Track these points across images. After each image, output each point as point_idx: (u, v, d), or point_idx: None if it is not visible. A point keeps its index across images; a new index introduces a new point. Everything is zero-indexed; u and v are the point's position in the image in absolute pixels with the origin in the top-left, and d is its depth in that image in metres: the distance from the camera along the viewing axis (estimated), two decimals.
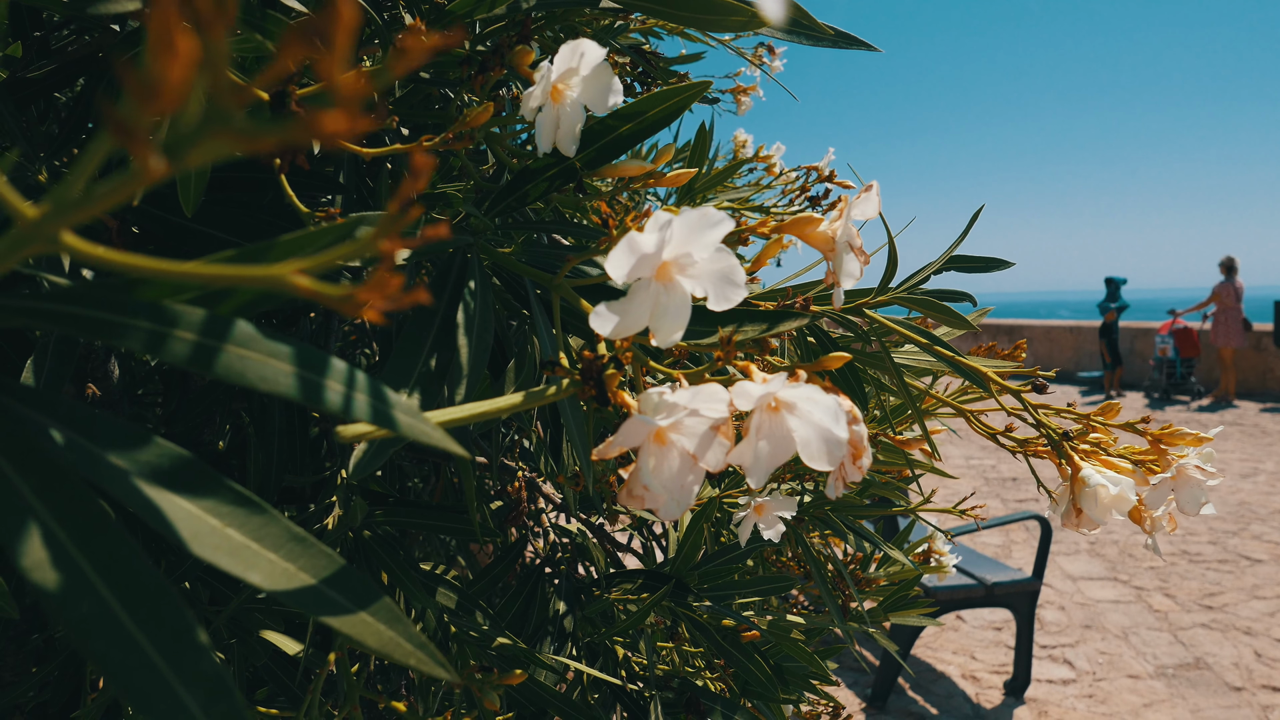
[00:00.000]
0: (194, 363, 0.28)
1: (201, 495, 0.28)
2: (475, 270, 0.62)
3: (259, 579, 0.26)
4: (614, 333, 0.43)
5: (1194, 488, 0.69)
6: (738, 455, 0.45)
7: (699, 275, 0.45)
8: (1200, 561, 5.52)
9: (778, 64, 1.76)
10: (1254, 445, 8.71)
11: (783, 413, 0.45)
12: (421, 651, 0.28)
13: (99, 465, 0.27)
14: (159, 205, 0.86)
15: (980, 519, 1.29)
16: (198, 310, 0.28)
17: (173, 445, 0.28)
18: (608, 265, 0.41)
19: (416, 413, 0.32)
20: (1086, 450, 0.74)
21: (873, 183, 0.60)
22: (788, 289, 0.88)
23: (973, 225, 0.84)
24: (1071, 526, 0.70)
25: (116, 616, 0.24)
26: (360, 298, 0.23)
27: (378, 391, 0.31)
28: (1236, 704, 3.68)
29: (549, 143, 0.60)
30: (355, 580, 0.28)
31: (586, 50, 0.57)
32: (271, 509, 0.28)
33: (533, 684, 0.80)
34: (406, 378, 0.55)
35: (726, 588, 1.02)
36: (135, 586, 0.25)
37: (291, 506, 1.39)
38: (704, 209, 0.41)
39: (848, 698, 3.87)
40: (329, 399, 0.29)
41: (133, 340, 0.27)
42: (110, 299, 0.27)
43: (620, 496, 0.44)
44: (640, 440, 0.43)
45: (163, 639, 0.24)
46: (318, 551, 0.28)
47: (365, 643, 0.27)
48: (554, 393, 0.46)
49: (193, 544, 0.26)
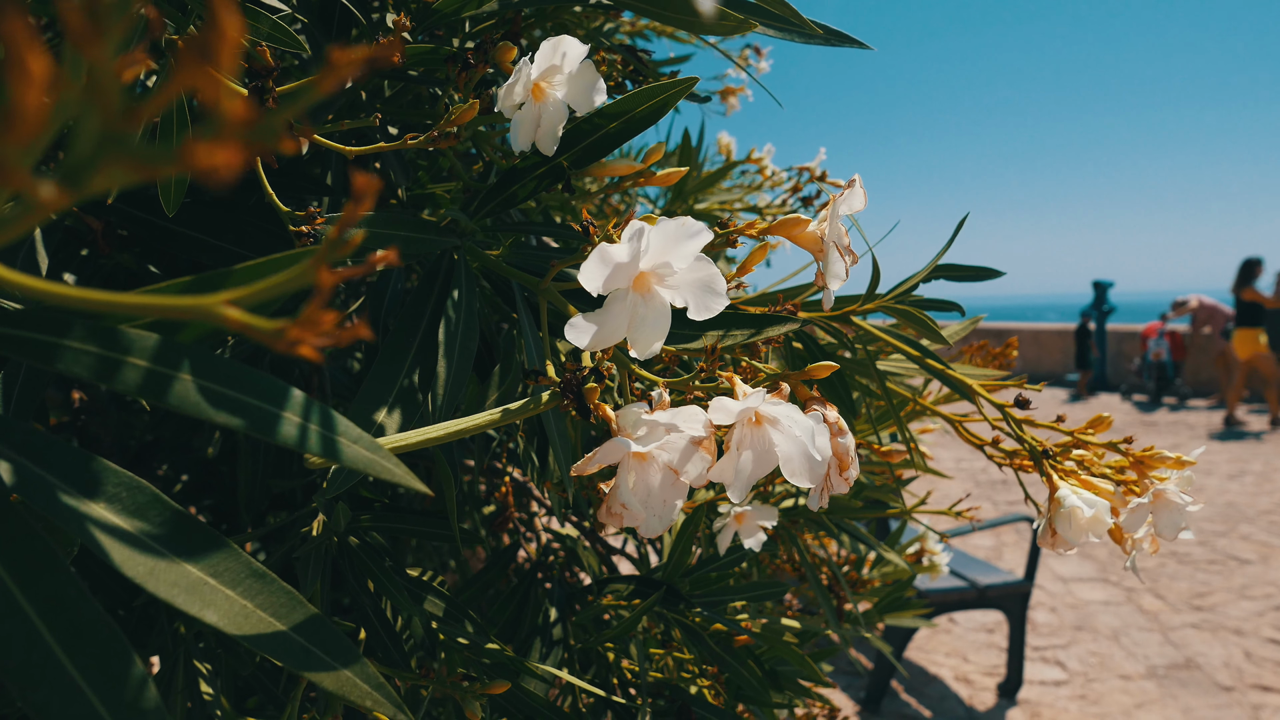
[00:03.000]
0: (146, 392, 0.26)
1: (159, 527, 0.26)
2: (461, 275, 0.61)
3: (215, 619, 0.25)
4: (591, 345, 0.42)
5: (1173, 512, 0.67)
6: (719, 471, 0.43)
7: (678, 285, 0.43)
8: (1189, 562, 5.55)
9: (764, 65, 1.76)
10: (1241, 446, 8.77)
11: (765, 426, 0.44)
12: (378, 693, 0.27)
13: (50, 499, 0.26)
14: (143, 208, 0.85)
15: (975, 520, 1.28)
16: (150, 335, 0.27)
17: (128, 474, 0.27)
18: (580, 277, 0.40)
19: (377, 447, 0.31)
20: (1067, 470, 0.72)
21: (855, 176, 0.59)
22: (777, 294, 0.88)
23: (958, 233, 0.83)
24: (1047, 545, 0.69)
25: (60, 663, 0.22)
26: (291, 335, 0.21)
27: (336, 425, 0.30)
28: (1227, 703, 3.70)
29: (527, 141, 0.59)
30: (315, 621, 0.27)
31: (568, 48, 0.56)
32: (231, 543, 0.27)
33: (521, 692, 0.79)
34: (387, 392, 0.53)
35: (719, 593, 1.01)
36: (81, 630, 0.23)
37: (281, 512, 1.38)
38: (682, 219, 0.40)
39: (842, 701, 3.87)
40: (284, 432, 0.28)
41: (79, 366, 0.26)
42: (57, 323, 0.26)
43: (599, 513, 0.43)
44: (619, 458, 0.42)
45: (108, 689, 0.22)
46: (277, 589, 0.27)
47: (322, 684, 0.26)
48: (531, 408, 0.45)
49: (147, 581, 0.25)
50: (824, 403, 0.50)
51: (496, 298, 0.83)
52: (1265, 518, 6.42)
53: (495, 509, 1.37)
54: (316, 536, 0.92)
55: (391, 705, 0.29)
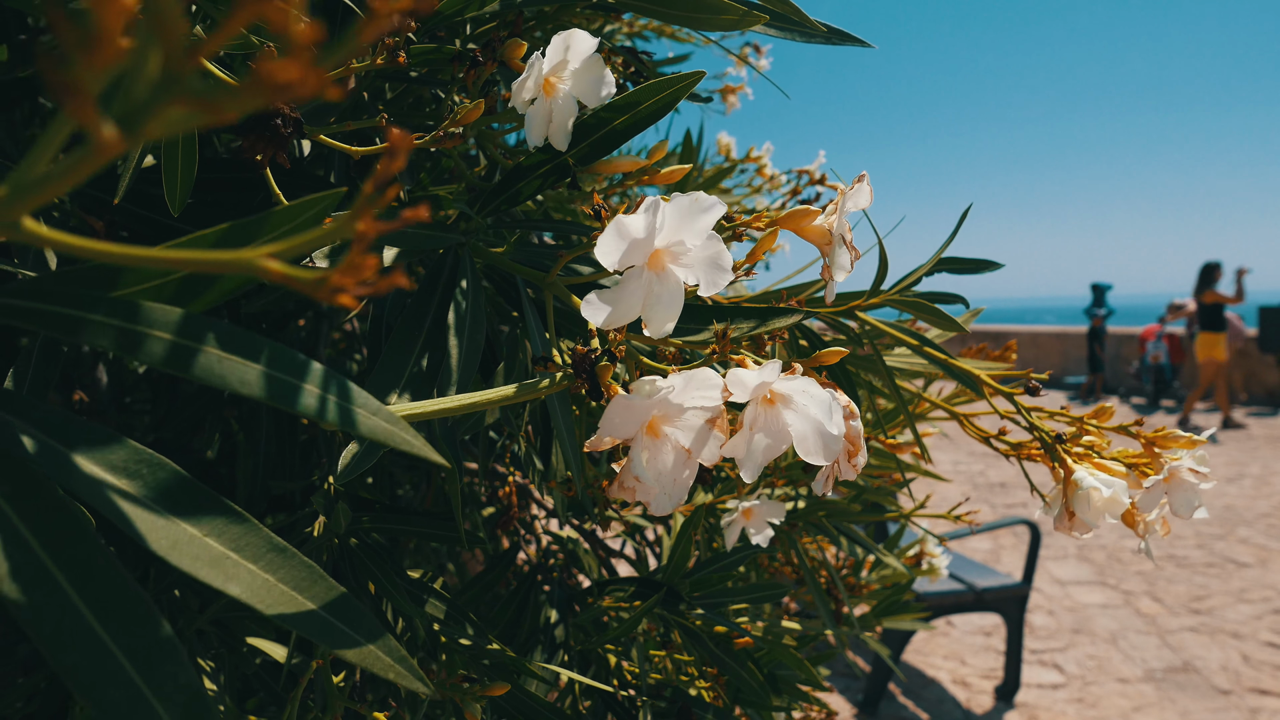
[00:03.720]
0: (170, 363, 0.26)
1: (181, 502, 0.26)
2: (467, 270, 0.61)
3: (239, 591, 0.25)
4: (607, 322, 0.42)
5: (1187, 490, 0.68)
6: (732, 447, 0.44)
7: (692, 263, 0.44)
8: (1187, 565, 5.55)
9: (763, 63, 1.76)
10: (1239, 449, 8.78)
11: (778, 406, 0.44)
12: (400, 665, 0.27)
13: (71, 472, 0.26)
14: (146, 206, 0.85)
15: (975, 524, 1.28)
16: (174, 310, 0.27)
17: (148, 450, 0.27)
18: (597, 252, 0.40)
19: (395, 419, 0.31)
20: (1079, 454, 0.73)
21: (863, 173, 0.59)
22: (781, 291, 0.88)
23: (962, 224, 0.84)
24: (1064, 530, 0.69)
25: (90, 628, 0.23)
26: (334, 282, 0.21)
27: (355, 396, 0.30)
28: (1225, 707, 3.70)
29: (540, 137, 0.59)
30: (336, 593, 0.27)
31: (575, 41, 0.56)
32: (251, 518, 0.27)
33: (521, 694, 0.78)
34: (397, 379, 0.53)
35: (719, 595, 1.01)
36: (110, 597, 0.23)
37: (280, 513, 1.38)
38: (695, 194, 0.40)
39: (839, 704, 3.86)
40: (305, 403, 0.28)
41: (104, 339, 0.26)
42: (83, 296, 0.26)
43: (611, 490, 0.43)
44: (632, 429, 0.42)
45: (137, 651, 0.23)
46: (299, 563, 0.27)
47: (345, 655, 0.26)
48: (546, 385, 0.45)
49: (170, 554, 0.25)
50: (835, 387, 0.50)
51: (499, 298, 0.83)
52: (1263, 521, 6.43)
53: (496, 511, 1.37)
54: (317, 537, 0.92)
55: (414, 678, 0.29)
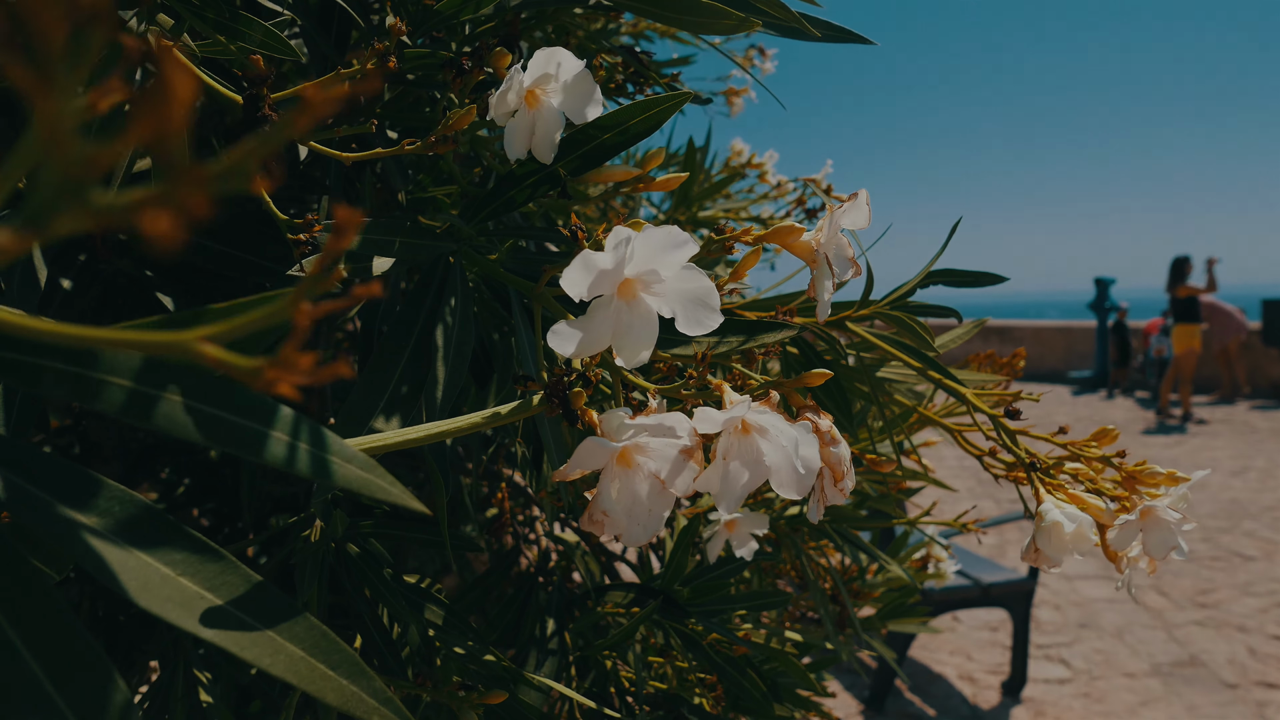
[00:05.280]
0: (130, 413, 0.26)
1: (153, 541, 0.25)
2: (457, 281, 0.60)
3: (211, 635, 0.24)
4: (576, 352, 0.40)
5: (1163, 531, 0.62)
6: (705, 480, 0.42)
7: (666, 294, 0.42)
8: (1193, 559, 5.53)
9: (768, 66, 1.74)
10: (1244, 442, 8.74)
11: (754, 435, 0.43)
12: (386, 708, 0.26)
13: (45, 513, 0.25)
14: None
15: (980, 534, 1.27)
16: (134, 355, 0.26)
17: (119, 486, 0.26)
18: (564, 282, 0.39)
19: (371, 465, 0.30)
20: (1058, 483, 0.69)
21: (861, 190, 0.58)
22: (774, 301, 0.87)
23: (951, 238, 0.82)
24: (1031, 561, 0.65)
25: (43, 690, 0.22)
26: (269, 375, 0.20)
27: (329, 443, 0.29)
28: (1232, 700, 3.68)
29: (522, 149, 0.58)
30: (318, 634, 0.26)
31: (563, 59, 0.55)
32: (228, 554, 0.26)
33: (517, 703, 0.78)
34: (379, 400, 0.52)
35: (719, 602, 1.00)
36: (67, 655, 0.22)
37: (284, 514, 1.37)
38: (668, 228, 0.39)
39: (845, 700, 3.86)
40: (273, 452, 0.27)
41: (61, 389, 0.25)
42: (39, 344, 0.25)
43: (582, 521, 0.42)
44: (601, 463, 0.41)
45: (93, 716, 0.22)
46: (277, 601, 0.26)
47: (325, 699, 0.25)
48: (512, 411, 0.44)
49: (140, 596, 0.24)
50: (818, 411, 0.49)
51: (495, 303, 0.82)
52: (1269, 514, 6.40)
53: (499, 512, 1.37)
54: (314, 543, 0.92)
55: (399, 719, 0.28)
